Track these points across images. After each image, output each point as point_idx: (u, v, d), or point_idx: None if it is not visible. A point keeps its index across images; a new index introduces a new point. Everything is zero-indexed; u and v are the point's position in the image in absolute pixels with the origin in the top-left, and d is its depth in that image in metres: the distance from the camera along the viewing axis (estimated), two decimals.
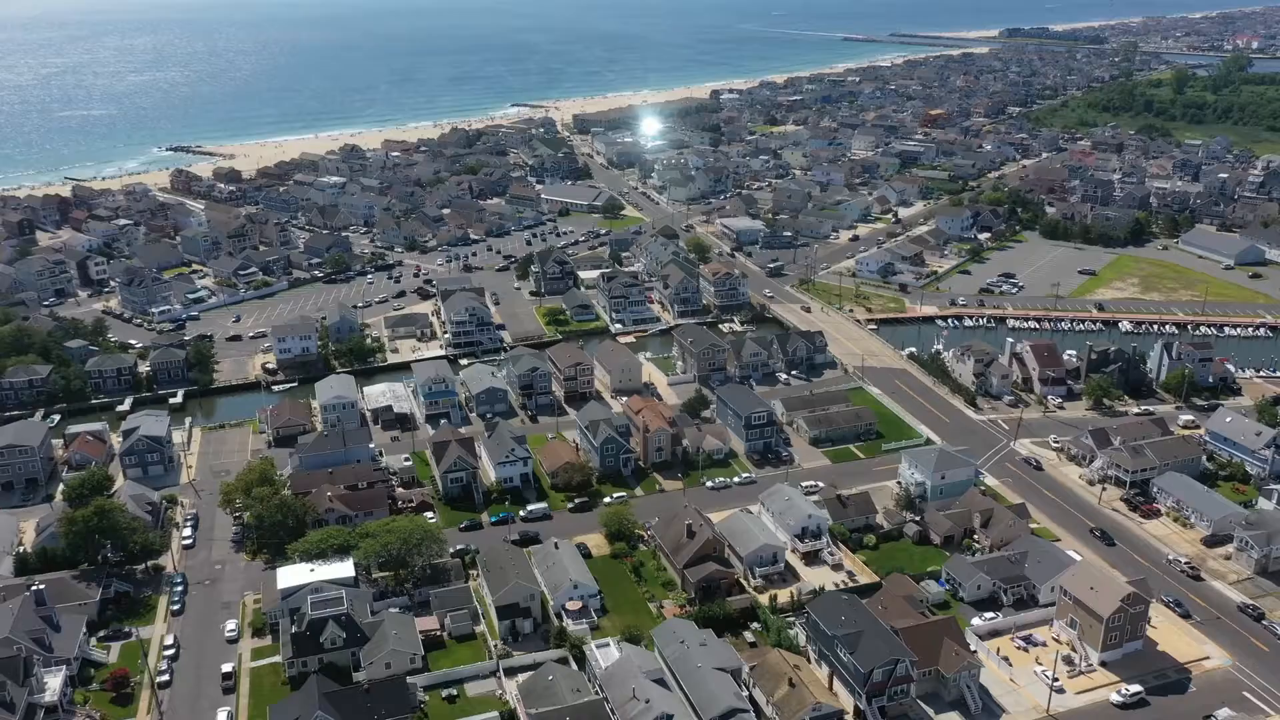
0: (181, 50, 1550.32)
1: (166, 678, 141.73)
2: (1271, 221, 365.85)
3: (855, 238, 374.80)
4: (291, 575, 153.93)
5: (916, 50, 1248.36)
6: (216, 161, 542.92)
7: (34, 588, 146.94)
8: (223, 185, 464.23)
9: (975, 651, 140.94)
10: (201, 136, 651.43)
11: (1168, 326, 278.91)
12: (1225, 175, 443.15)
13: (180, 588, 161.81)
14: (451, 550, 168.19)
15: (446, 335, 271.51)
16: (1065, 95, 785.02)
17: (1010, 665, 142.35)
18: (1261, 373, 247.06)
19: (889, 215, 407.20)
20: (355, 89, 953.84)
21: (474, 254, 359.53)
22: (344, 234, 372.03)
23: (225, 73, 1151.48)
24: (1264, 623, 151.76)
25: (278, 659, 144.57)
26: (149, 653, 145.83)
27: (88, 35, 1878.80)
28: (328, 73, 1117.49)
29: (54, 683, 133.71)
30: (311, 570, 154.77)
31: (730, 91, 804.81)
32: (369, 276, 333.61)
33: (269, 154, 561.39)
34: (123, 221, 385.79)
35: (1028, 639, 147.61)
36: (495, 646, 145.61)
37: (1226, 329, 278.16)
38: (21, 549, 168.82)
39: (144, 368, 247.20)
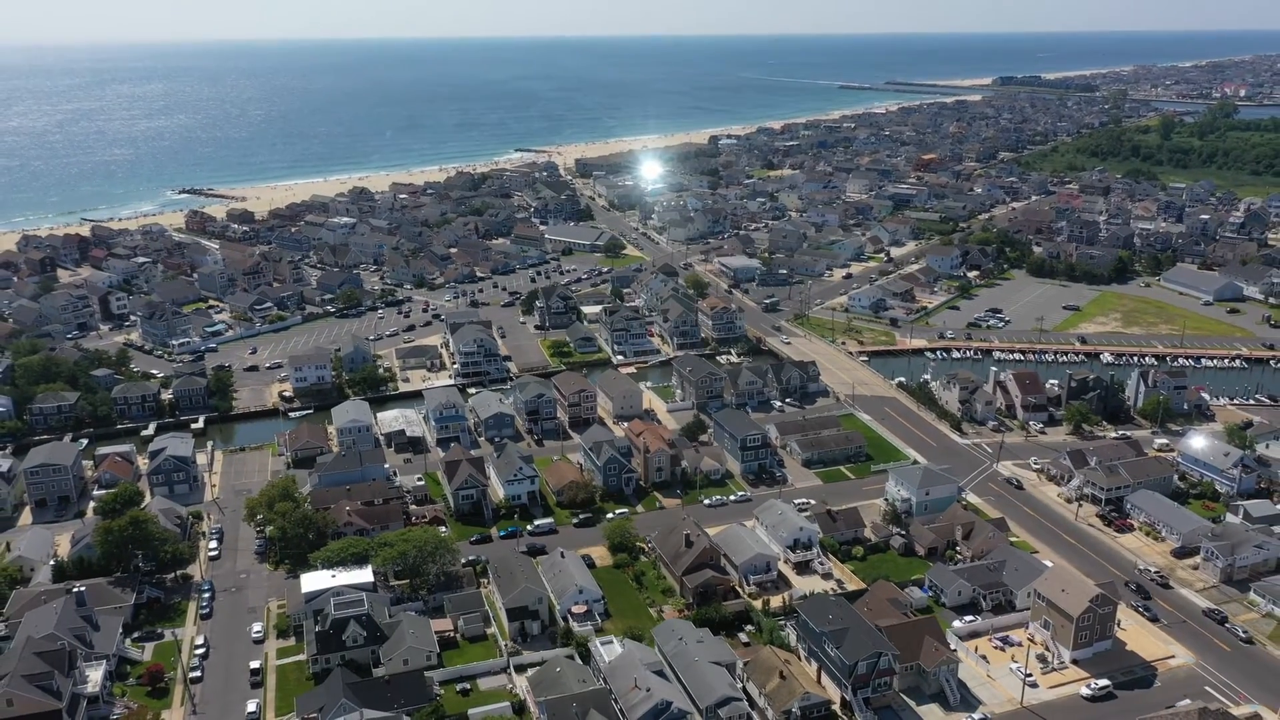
0: (191, 96, 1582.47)
1: (198, 674, 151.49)
2: (1250, 260, 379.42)
3: (848, 276, 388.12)
4: (314, 581, 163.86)
5: (911, 98, 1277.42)
6: (229, 204, 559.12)
7: (75, 589, 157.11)
8: (236, 225, 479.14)
9: (955, 649, 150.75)
10: (214, 180, 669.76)
11: (1147, 358, 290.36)
12: (1207, 216, 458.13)
13: (208, 594, 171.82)
14: (463, 561, 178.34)
15: (455, 366, 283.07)
16: (1055, 141, 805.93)
17: (988, 663, 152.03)
18: (1235, 400, 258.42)
19: (881, 254, 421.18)
20: (362, 134, 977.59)
21: (480, 290, 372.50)
22: (355, 271, 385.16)
23: (235, 118, 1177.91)
24: (1226, 625, 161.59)
25: (302, 657, 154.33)
26: (181, 650, 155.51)
27: (96, 83, 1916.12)
28: (335, 118, 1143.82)
29: (95, 675, 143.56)
30: (333, 576, 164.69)
31: (729, 137, 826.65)
32: (379, 311, 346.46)
33: (280, 196, 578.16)
34: (141, 259, 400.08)
35: (1005, 639, 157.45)
36: (506, 645, 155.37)
37: (1204, 360, 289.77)
38: (58, 559, 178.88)
39: (167, 395, 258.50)
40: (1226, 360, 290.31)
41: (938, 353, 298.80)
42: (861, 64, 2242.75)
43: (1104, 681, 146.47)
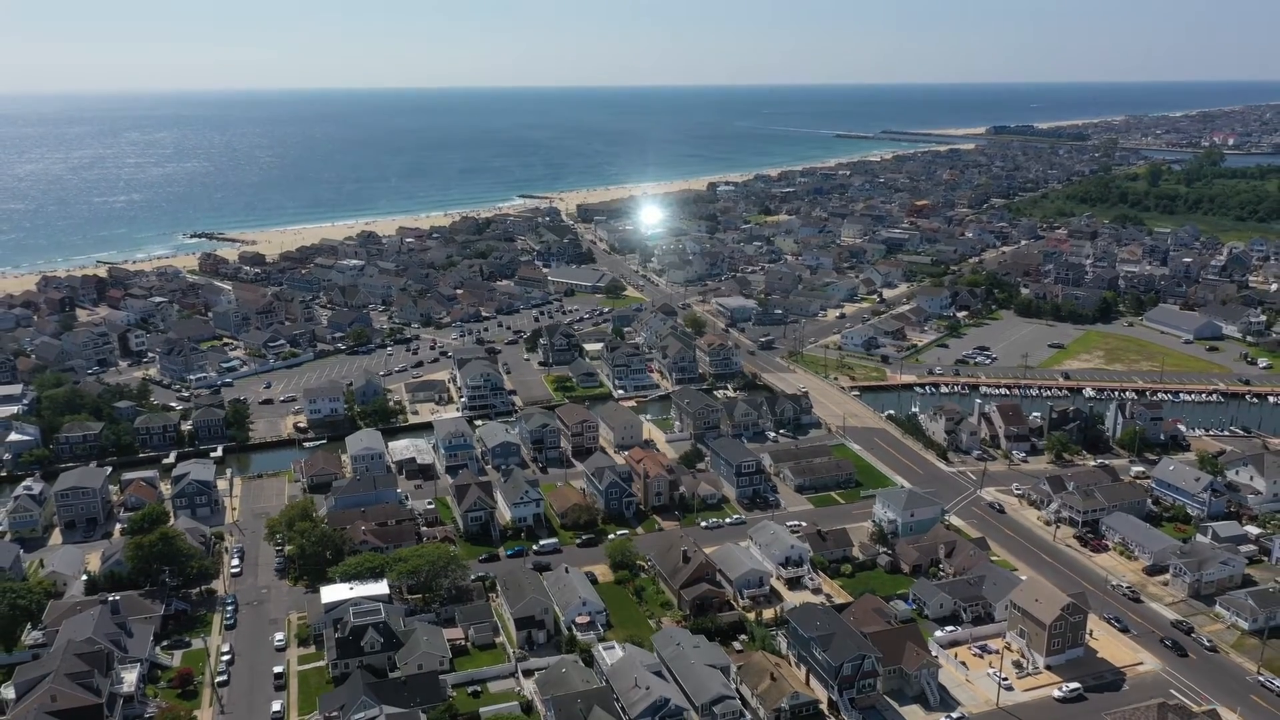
0: (201, 144, 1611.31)
1: (224, 678, 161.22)
2: (1229, 300, 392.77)
3: (842, 315, 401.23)
4: (334, 593, 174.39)
5: (906, 146, 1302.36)
6: (240, 247, 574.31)
7: (110, 599, 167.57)
8: (248, 267, 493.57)
9: (935, 656, 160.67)
10: (224, 224, 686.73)
11: (1128, 393, 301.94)
12: (1190, 259, 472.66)
13: (232, 607, 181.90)
14: (472, 576, 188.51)
15: (463, 399, 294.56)
16: (1046, 188, 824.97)
17: (967, 668, 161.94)
18: (1211, 431, 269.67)
19: (874, 296, 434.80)
20: (369, 180, 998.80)
21: (485, 329, 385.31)
22: (364, 310, 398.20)
23: (244, 165, 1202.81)
24: (1192, 635, 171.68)
25: (322, 663, 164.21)
26: (210, 655, 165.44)
27: (107, 131, 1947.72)
28: (342, 165, 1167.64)
29: (130, 677, 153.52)
30: (351, 589, 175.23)
31: (727, 184, 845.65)
32: (388, 349, 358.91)
33: (289, 240, 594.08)
34: (157, 299, 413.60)
35: (983, 647, 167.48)
36: (514, 652, 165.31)
37: (1182, 395, 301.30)
38: (89, 574, 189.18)
39: (186, 425, 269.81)
40: (1204, 395, 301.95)
41: (926, 388, 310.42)
42: (858, 114, 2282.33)
43: (1074, 685, 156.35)
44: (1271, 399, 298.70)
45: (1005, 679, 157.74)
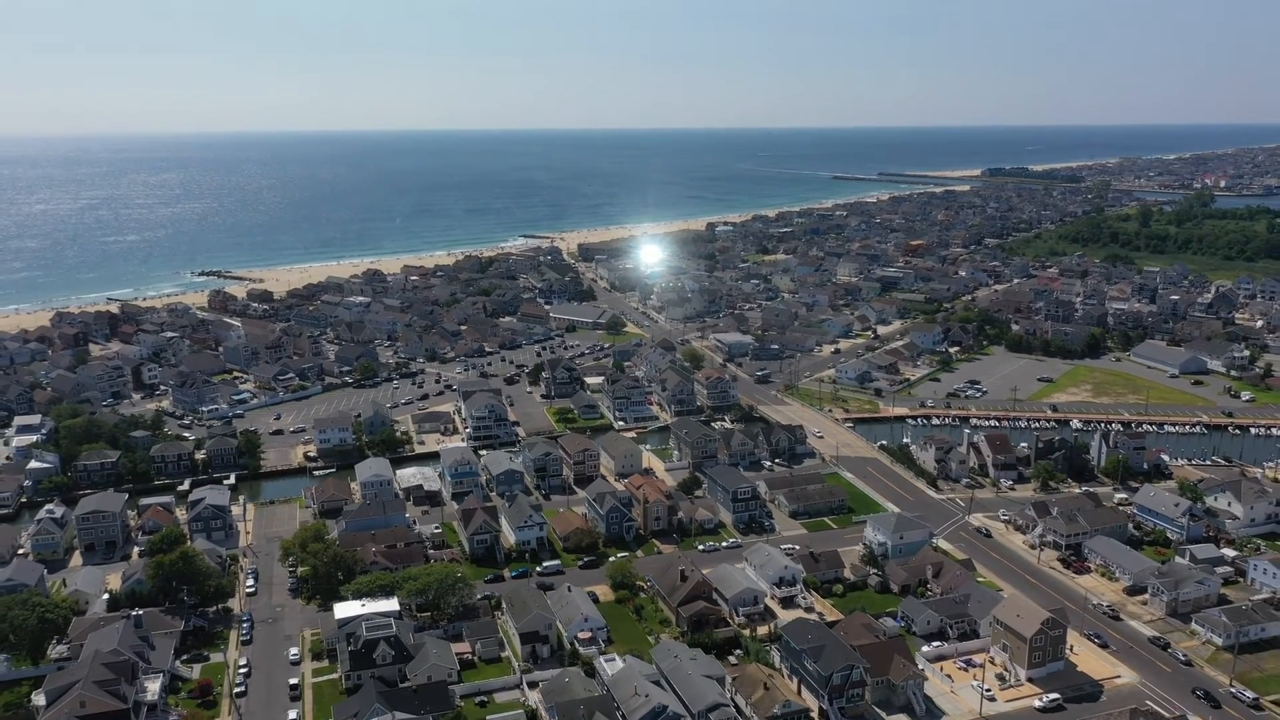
0: (208, 185, 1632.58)
1: (242, 689, 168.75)
2: (1214, 336, 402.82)
3: (837, 351, 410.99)
4: (346, 609, 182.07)
5: (902, 188, 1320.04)
6: (248, 284, 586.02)
7: (133, 614, 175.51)
8: (256, 304, 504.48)
9: (921, 669, 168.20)
10: (231, 263, 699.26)
11: (1113, 424, 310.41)
12: (1177, 297, 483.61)
13: (248, 624, 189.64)
14: (478, 595, 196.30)
15: (468, 430, 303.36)
16: (1039, 228, 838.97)
17: (952, 681, 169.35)
18: (1193, 461, 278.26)
19: (868, 332, 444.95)
20: (374, 220, 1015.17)
21: (489, 364, 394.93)
22: (370, 345, 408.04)
23: (250, 205, 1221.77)
24: (1169, 650, 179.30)
25: (335, 676, 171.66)
26: (229, 668, 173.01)
27: (113, 172, 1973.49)
28: (347, 205, 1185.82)
29: (153, 687, 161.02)
30: (363, 605, 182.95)
31: (725, 224, 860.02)
32: (394, 382, 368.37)
33: (296, 278, 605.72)
34: (169, 334, 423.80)
35: (968, 661, 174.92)
36: (519, 665, 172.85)
37: (1166, 426, 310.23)
38: (111, 592, 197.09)
39: (200, 454, 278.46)
40: (1187, 426, 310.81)
41: (918, 419, 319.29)
42: (855, 156, 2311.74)
43: (1054, 696, 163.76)
44: (1253, 430, 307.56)
45: (988, 690, 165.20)
